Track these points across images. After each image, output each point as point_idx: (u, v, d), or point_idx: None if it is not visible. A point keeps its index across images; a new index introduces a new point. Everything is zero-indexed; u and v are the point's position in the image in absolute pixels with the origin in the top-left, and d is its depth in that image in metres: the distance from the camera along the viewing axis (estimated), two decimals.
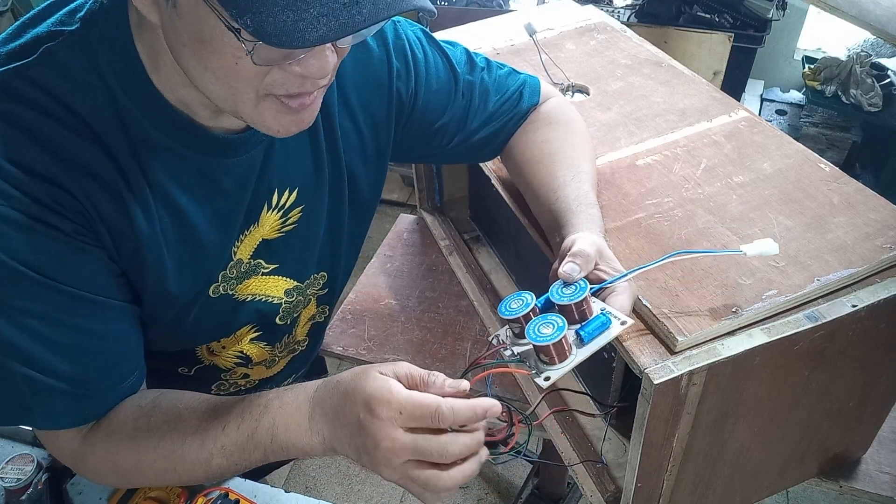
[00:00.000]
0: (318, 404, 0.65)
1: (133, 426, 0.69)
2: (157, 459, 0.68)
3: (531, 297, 0.66)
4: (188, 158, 0.66)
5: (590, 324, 0.65)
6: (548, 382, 0.63)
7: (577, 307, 0.65)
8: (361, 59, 0.78)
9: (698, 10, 2.62)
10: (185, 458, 0.67)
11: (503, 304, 0.67)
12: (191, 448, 0.67)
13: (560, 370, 0.63)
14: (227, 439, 0.67)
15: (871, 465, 0.98)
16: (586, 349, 0.65)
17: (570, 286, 0.66)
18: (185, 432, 0.67)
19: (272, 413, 0.66)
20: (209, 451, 0.67)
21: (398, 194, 2.95)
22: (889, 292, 0.75)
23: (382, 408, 0.59)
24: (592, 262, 0.69)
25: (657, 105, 1.07)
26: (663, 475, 0.81)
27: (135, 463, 0.69)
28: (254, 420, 0.66)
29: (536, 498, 1.73)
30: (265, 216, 0.75)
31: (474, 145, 0.91)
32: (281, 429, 0.65)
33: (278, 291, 0.81)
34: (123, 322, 0.68)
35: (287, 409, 0.66)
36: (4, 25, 2.56)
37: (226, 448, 0.67)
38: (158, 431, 0.68)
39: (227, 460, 0.67)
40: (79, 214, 0.61)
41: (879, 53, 2.86)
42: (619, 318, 0.66)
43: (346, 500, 1.96)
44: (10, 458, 0.92)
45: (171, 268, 0.69)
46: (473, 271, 1.28)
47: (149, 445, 0.68)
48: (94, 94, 0.60)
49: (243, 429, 0.66)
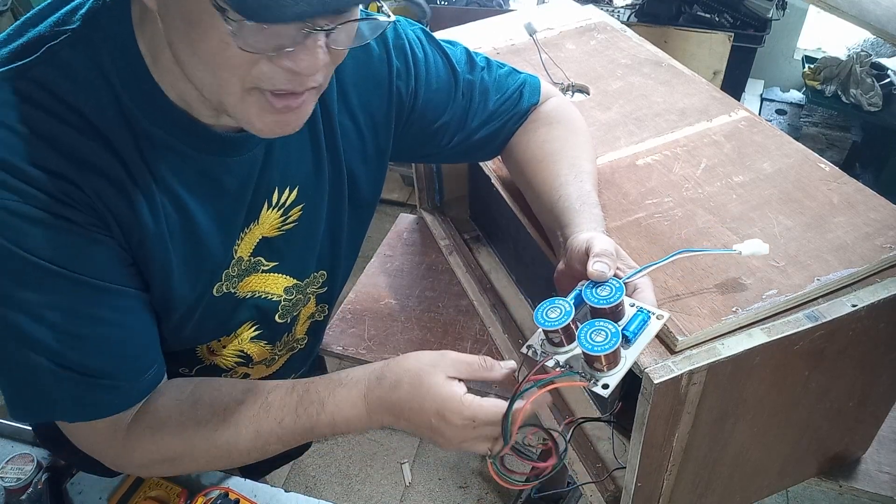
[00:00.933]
0: (378, 401, 0.69)
1: (179, 420, 0.71)
2: (210, 449, 0.71)
3: (569, 305, 0.64)
4: (190, 157, 0.66)
5: (631, 322, 0.65)
6: (607, 391, 0.61)
7: (613, 308, 0.65)
8: (361, 58, 0.78)
9: (698, 9, 2.62)
10: (241, 447, 0.71)
11: (539, 313, 0.65)
12: (246, 438, 0.71)
13: (616, 375, 0.62)
14: (284, 431, 0.71)
15: (871, 465, 0.98)
16: (633, 349, 0.64)
17: (603, 286, 0.66)
18: (238, 424, 0.71)
19: (329, 410, 0.70)
20: (265, 439, 0.71)
21: (398, 194, 2.95)
22: (889, 292, 0.75)
23: (457, 417, 0.65)
24: (616, 259, 0.69)
25: (657, 105, 1.07)
26: (663, 475, 0.81)
27: (188, 453, 0.72)
28: (311, 417, 0.70)
29: (536, 497, 1.73)
30: (265, 214, 0.75)
31: (474, 145, 0.91)
32: (341, 422, 0.70)
33: (278, 289, 0.81)
34: (141, 311, 0.69)
35: (343, 406, 0.70)
36: (4, 25, 2.56)
37: (283, 437, 0.71)
38: (210, 425, 0.71)
39: (285, 445, 0.72)
40: (89, 208, 0.61)
41: (879, 53, 2.86)
42: (656, 313, 0.66)
43: (346, 499, 1.96)
44: (10, 457, 0.92)
45: (176, 266, 0.69)
46: (473, 271, 1.28)
47: (201, 438, 0.71)
48: (97, 93, 0.60)
49: (301, 423, 0.71)
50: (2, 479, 0.89)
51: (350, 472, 2.04)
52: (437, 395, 0.66)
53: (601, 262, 0.67)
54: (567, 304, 0.64)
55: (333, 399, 0.70)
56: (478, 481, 2.00)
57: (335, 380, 0.72)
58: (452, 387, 0.66)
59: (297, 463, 2.04)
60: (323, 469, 2.05)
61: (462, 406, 0.65)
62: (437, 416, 0.66)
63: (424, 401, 0.66)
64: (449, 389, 0.66)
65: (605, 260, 0.68)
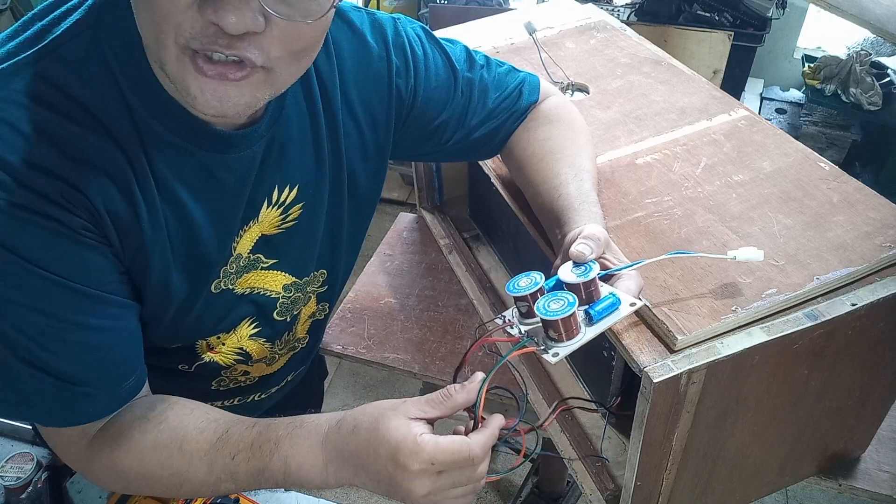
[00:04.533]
0: (334, 449, 0.64)
1: (140, 439, 0.68)
2: (163, 477, 0.67)
3: (540, 277, 0.66)
4: (189, 153, 0.66)
5: (599, 303, 0.65)
6: (556, 358, 0.62)
7: (585, 287, 0.65)
8: (361, 56, 0.78)
9: (698, 8, 2.62)
10: (192, 479, 0.67)
11: (511, 283, 0.66)
12: (198, 471, 0.66)
13: (569, 347, 0.63)
14: (237, 469, 0.66)
15: (871, 464, 0.98)
16: (595, 327, 0.64)
17: (580, 267, 0.66)
18: (193, 455, 0.66)
19: (283, 451, 0.65)
20: (217, 476, 0.66)
21: (398, 193, 2.95)
22: (888, 291, 0.75)
23: (412, 460, 0.59)
24: (602, 247, 0.69)
25: (657, 104, 1.07)
26: (663, 473, 0.81)
27: (140, 476, 0.68)
28: (265, 457, 0.65)
29: (536, 497, 1.73)
30: (265, 212, 0.75)
31: (473, 143, 0.91)
32: (294, 468, 0.65)
33: (276, 286, 0.81)
34: (124, 320, 0.68)
35: (299, 448, 0.64)
36: (4, 23, 2.56)
37: (235, 476, 0.66)
38: (166, 450, 0.67)
39: (236, 485, 0.67)
40: (86, 211, 0.61)
41: (879, 52, 2.86)
42: (629, 300, 0.66)
43: (346, 498, 1.96)
44: (10, 456, 0.92)
45: (174, 264, 0.69)
46: (473, 270, 1.28)
47: (155, 462, 0.67)
48: (101, 87, 0.60)
49: (253, 462, 0.65)
50: (2, 478, 0.89)
51: None
52: (391, 438, 0.59)
53: (584, 244, 0.67)
54: (539, 276, 0.65)
55: (290, 440, 0.65)
56: None
57: (297, 421, 0.66)
58: (410, 427, 0.59)
59: None
60: None
61: (416, 447, 0.58)
62: (392, 462, 0.59)
63: (379, 446, 0.60)
64: (405, 430, 0.59)
65: (590, 243, 0.67)
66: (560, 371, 1.06)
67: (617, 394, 0.92)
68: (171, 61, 0.56)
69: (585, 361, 1.02)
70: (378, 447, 0.60)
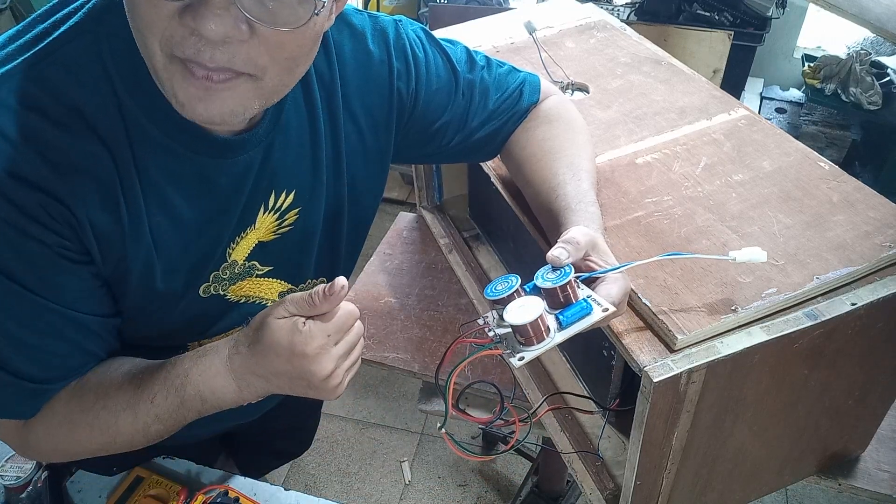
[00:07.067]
0: (240, 366, 0.66)
1: (66, 408, 0.70)
2: (94, 437, 0.70)
3: (516, 280, 0.66)
4: (186, 158, 0.66)
5: (569, 308, 0.65)
6: (521, 363, 0.63)
7: (560, 291, 0.65)
8: (362, 60, 0.78)
9: (698, 7, 2.62)
10: (122, 431, 0.69)
11: (489, 287, 0.67)
12: (125, 422, 0.69)
13: (535, 351, 0.63)
14: (159, 409, 0.68)
15: (870, 464, 0.99)
16: (564, 332, 0.64)
17: (557, 271, 0.66)
18: (116, 408, 0.69)
19: (194, 381, 0.67)
20: (143, 421, 0.69)
21: (398, 192, 2.95)
22: (888, 291, 0.75)
23: (307, 345, 0.63)
24: (582, 251, 0.68)
25: (657, 103, 1.07)
26: (662, 473, 0.81)
27: (75, 442, 0.70)
28: (179, 390, 0.68)
29: (536, 496, 1.73)
30: (262, 218, 0.75)
31: (475, 144, 0.90)
32: (208, 394, 0.67)
33: (272, 294, 0.81)
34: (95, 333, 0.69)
35: (207, 375, 0.67)
36: (4, 23, 2.55)
37: (160, 416, 0.69)
38: (91, 411, 0.69)
39: (164, 425, 0.69)
40: (66, 224, 0.61)
41: (879, 52, 2.86)
42: (602, 305, 0.65)
43: (346, 497, 1.96)
44: (10, 455, 0.92)
45: (159, 267, 0.69)
46: (473, 269, 1.28)
47: (84, 424, 0.69)
48: (98, 91, 0.61)
49: (171, 399, 0.68)
50: (1, 478, 0.89)
51: (349, 471, 2.04)
52: (281, 337, 0.63)
53: (560, 248, 0.67)
54: (515, 280, 0.66)
55: (197, 370, 0.67)
56: (477, 480, 2.00)
57: (199, 351, 0.69)
58: (292, 321, 0.63)
59: (296, 461, 2.04)
60: (322, 467, 2.06)
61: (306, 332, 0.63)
62: (291, 355, 0.63)
63: (276, 347, 0.63)
64: (289, 324, 0.63)
65: (566, 247, 0.67)
66: (560, 371, 1.06)
67: (617, 393, 0.92)
68: (160, 68, 0.56)
69: (585, 361, 1.02)
70: (276, 350, 0.63)
